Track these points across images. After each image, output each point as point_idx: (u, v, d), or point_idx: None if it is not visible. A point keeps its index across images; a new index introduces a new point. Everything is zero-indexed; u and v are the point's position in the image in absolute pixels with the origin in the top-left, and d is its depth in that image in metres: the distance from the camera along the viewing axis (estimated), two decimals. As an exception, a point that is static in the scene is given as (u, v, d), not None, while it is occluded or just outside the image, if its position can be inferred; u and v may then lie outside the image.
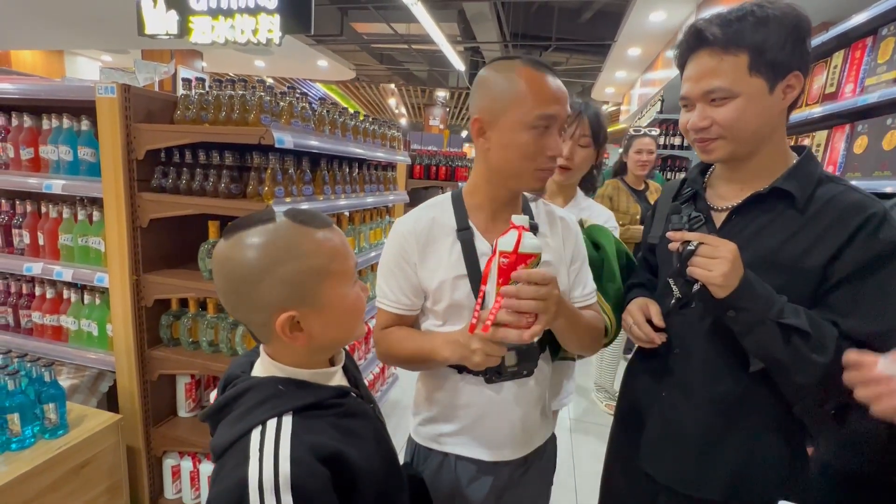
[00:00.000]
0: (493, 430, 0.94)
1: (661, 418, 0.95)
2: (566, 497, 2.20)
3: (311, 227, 0.65)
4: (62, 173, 1.63)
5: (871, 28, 1.80)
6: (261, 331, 0.67)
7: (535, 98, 0.81)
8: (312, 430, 0.62)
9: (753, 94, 0.77)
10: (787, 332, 0.75)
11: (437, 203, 0.96)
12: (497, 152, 0.86)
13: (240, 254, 0.62)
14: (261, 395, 0.64)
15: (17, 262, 1.69)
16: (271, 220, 0.65)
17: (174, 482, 1.74)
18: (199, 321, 1.61)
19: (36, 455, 1.31)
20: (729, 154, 0.83)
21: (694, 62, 0.81)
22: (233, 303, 0.65)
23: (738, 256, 0.76)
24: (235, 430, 0.61)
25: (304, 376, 0.68)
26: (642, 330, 0.92)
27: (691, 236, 0.81)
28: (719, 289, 0.76)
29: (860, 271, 0.74)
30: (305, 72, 9.05)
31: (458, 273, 0.89)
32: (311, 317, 0.65)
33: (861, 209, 0.75)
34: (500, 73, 0.84)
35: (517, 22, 6.79)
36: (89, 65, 7.99)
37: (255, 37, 3.54)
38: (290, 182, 1.55)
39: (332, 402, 0.68)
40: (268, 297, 0.63)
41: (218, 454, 0.62)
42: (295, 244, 0.64)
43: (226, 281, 0.64)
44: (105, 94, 1.46)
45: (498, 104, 0.83)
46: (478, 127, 0.87)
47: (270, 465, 0.57)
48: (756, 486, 0.87)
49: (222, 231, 0.67)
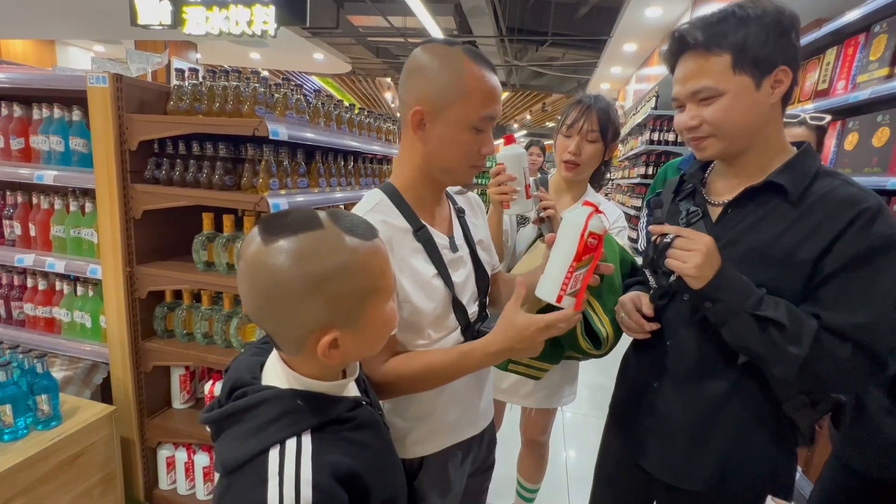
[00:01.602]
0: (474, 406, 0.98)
1: (652, 409, 0.97)
2: (559, 490, 2.23)
3: (360, 237, 0.60)
4: (53, 164, 1.61)
5: (864, 25, 1.82)
6: (290, 345, 0.62)
7: (481, 98, 0.80)
8: (330, 449, 0.60)
9: (739, 92, 0.78)
10: (763, 324, 0.76)
11: (375, 208, 0.86)
12: (436, 147, 0.83)
13: (281, 263, 0.56)
14: (277, 409, 0.60)
15: (9, 254, 1.68)
16: (318, 226, 0.58)
17: (168, 473, 1.75)
18: (194, 313, 1.61)
19: (29, 446, 1.31)
20: (721, 151, 0.84)
21: (681, 65, 0.83)
22: (264, 314, 0.60)
23: (712, 250, 0.78)
24: (250, 447, 0.57)
25: (324, 389, 0.64)
26: (631, 318, 0.94)
27: (668, 229, 0.83)
28: (693, 280, 0.79)
29: (850, 264, 0.75)
30: (301, 65, 8.98)
31: (432, 273, 0.87)
32: (350, 335, 0.61)
33: (855, 203, 0.76)
34: (445, 64, 0.80)
35: (513, 16, 6.78)
36: (81, 55, 7.88)
37: (250, 28, 3.51)
38: (284, 174, 1.55)
39: (346, 415, 0.65)
40: (310, 315, 0.58)
41: (229, 470, 0.58)
42: (346, 260, 0.58)
43: (259, 290, 0.58)
44: (97, 83, 1.45)
45: (441, 99, 0.80)
46: (418, 119, 0.82)
47: (291, 491, 0.54)
48: (742, 479, 0.88)
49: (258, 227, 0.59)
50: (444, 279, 0.88)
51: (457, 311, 0.89)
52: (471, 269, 0.95)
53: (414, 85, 0.82)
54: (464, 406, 0.96)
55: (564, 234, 0.78)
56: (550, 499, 2.11)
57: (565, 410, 2.91)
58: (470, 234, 0.98)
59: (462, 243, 0.95)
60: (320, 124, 1.75)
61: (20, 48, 7.20)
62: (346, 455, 0.61)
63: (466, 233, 0.98)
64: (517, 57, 8.64)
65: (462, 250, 0.94)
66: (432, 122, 0.82)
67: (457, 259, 0.92)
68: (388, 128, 2.38)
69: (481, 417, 1.02)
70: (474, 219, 1.03)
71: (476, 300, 0.95)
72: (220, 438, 0.62)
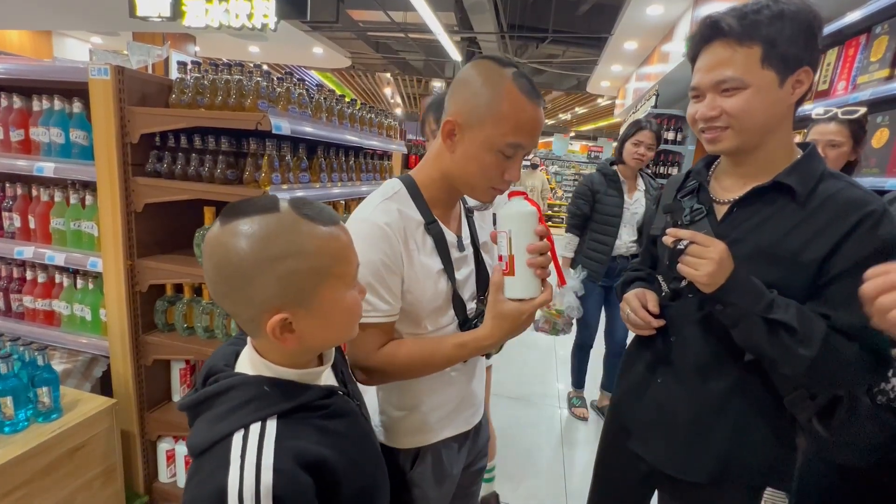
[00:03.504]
0: (467, 399, 1.00)
1: (655, 403, 0.98)
2: (558, 488, 2.25)
3: (317, 222, 0.61)
4: (54, 156, 1.60)
5: (865, 26, 1.82)
6: (248, 325, 0.63)
7: (514, 125, 0.78)
8: (297, 435, 0.60)
9: (763, 86, 0.78)
10: (774, 327, 0.77)
11: (392, 195, 0.88)
12: (459, 160, 0.84)
13: (235, 242, 0.58)
14: (245, 395, 0.61)
15: (8, 246, 1.67)
16: (274, 209, 0.59)
17: (168, 466, 1.75)
18: (195, 307, 1.61)
19: (29, 438, 1.31)
20: (735, 145, 0.84)
21: (707, 53, 0.82)
22: (221, 292, 0.61)
23: (726, 257, 0.78)
24: (216, 432, 0.58)
25: (293, 376, 0.65)
26: (638, 315, 0.95)
27: (684, 234, 0.83)
28: (704, 286, 0.80)
29: (857, 266, 0.75)
30: (300, 59, 8.92)
31: (438, 267, 0.88)
32: (304, 318, 0.61)
33: (861, 205, 0.77)
34: (488, 82, 0.79)
35: (514, 13, 6.76)
36: (79, 46, 7.80)
37: (250, 21, 3.50)
38: (286, 169, 1.54)
39: (318, 403, 0.65)
40: (261, 293, 0.59)
41: (195, 453, 0.59)
42: (298, 240, 0.59)
43: (216, 269, 0.60)
44: (98, 75, 1.44)
45: (475, 115, 0.79)
46: (450, 129, 0.83)
47: (252, 474, 0.54)
48: (743, 471, 0.90)
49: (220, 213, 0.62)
50: (449, 274, 0.89)
51: (456, 307, 0.91)
52: (473, 269, 0.96)
53: (456, 96, 0.83)
54: (458, 399, 0.98)
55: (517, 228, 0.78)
56: (550, 498, 2.13)
57: (563, 411, 2.93)
58: (476, 234, 1.00)
59: (468, 243, 0.97)
60: (322, 119, 1.75)
61: (16, 38, 7.12)
62: (314, 443, 0.61)
63: (473, 232, 1.00)
64: (517, 54, 8.62)
65: (468, 249, 0.96)
66: (462, 135, 0.82)
67: (462, 258, 0.94)
68: (388, 123, 2.37)
69: (475, 411, 1.04)
70: (482, 220, 1.05)
71: (475, 298, 0.96)
72: (195, 424, 0.63)
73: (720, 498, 0.94)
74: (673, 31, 4.74)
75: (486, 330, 0.82)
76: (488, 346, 0.83)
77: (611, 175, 2.54)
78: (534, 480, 2.25)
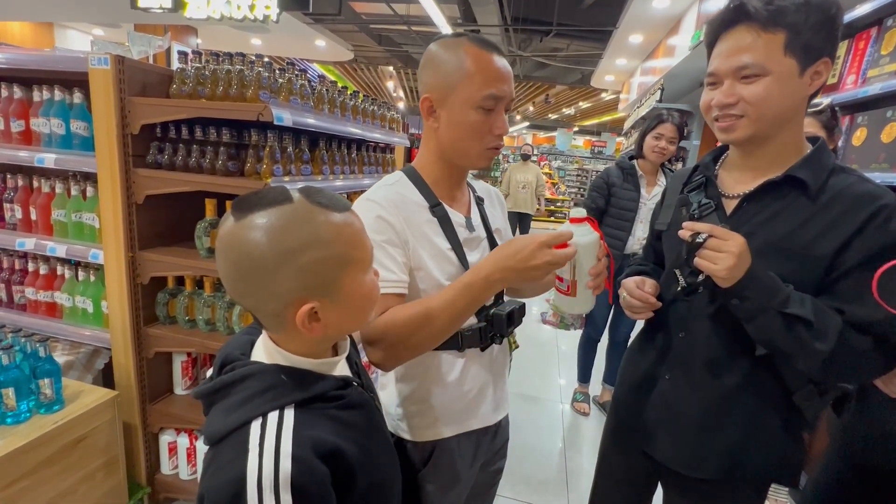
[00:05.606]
0: (486, 395, 0.98)
1: (661, 400, 0.97)
2: (559, 487, 2.25)
3: (331, 210, 0.60)
4: (54, 147, 1.59)
5: (877, 18, 1.79)
6: (271, 320, 0.62)
7: (484, 77, 0.82)
8: (314, 425, 0.60)
9: (784, 75, 0.77)
10: (790, 321, 0.76)
11: (395, 182, 0.91)
12: (446, 131, 0.87)
13: (253, 237, 0.56)
14: (262, 383, 0.61)
15: (10, 238, 1.67)
16: (287, 200, 0.59)
17: (171, 458, 1.75)
18: (196, 299, 1.61)
19: (31, 429, 1.31)
20: (750, 134, 0.82)
21: (728, 37, 0.81)
22: (241, 290, 0.60)
23: (745, 251, 0.77)
24: (234, 419, 0.58)
25: (310, 366, 0.65)
26: (634, 295, 0.93)
27: (701, 227, 0.81)
28: (723, 281, 0.78)
29: (869, 260, 0.75)
30: (302, 51, 8.87)
31: (446, 246, 0.90)
32: (329, 307, 0.61)
33: (872, 199, 0.76)
34: (448, 51, 0.84)
35: (518, 5, 6.68)
36: (80, 38, 7.77)
37: (252, 13, 3.47)
38: (288, 161, 1.53)
39: (334, 393, 0.65)
40: (285, 286, 0.58)
41: (213, 442, 0.59)
42: (315, 230, 0.58)
43: (234, 267, 0.58)
44: (98, 65, 1.42)
45: (446, 83, 0.83)
46: (428, 105, 0.87)
47: (271, 462, 0.54)
48: (753, 466, 0.89)
49: (230, 207, 0.61)
50: (458, 253, 0.90)
51: None
52: (486, 252, 0.96)
53: (423, 76, 0.87)
54: (475, 392, 0.96)
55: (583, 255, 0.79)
56: (550, 496, 2.13)
57: (564, 407, 2.93)
58: (488, 221, 1.01)
59: (479, 225, 0.97)
60: (324, 111, 1.73)
61: (17, 30, 7.09)
62: (330, 433, 0.61)
63: (484, 218, 1.00)
64: (521, 47, 8.55)
65: (479, 231, 0.96)
66: (441, 107, 0.86)
67: (473, 238, 0.95)
68: (391, 116, 2.35)
69: (495, 410, 1.01)
70: (492, 209, 1.06)
71: None
72: (210, 412, 0.63)
73: (728, 493, 0.93)
74: (679, 25, 4.69)
75: (489, 257, 0.77)
76: (493, 279, 0.75)
77: (628, 169, 2.49)
78: (535, 476, 2.25)
